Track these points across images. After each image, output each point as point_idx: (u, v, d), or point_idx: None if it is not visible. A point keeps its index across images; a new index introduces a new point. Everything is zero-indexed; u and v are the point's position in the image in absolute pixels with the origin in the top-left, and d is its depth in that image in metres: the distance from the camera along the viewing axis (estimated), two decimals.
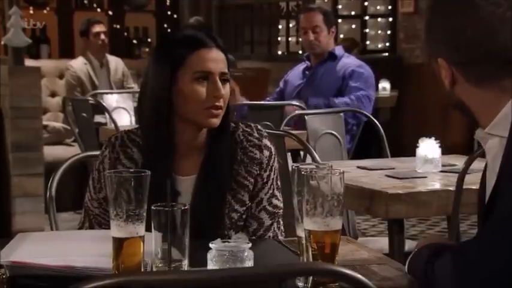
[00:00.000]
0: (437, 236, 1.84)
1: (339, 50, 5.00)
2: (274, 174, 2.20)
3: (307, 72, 5.05)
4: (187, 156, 2.15)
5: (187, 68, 2.09)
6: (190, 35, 2.14)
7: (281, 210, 2.21)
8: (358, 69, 4.89)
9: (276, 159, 2.21)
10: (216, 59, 2.11)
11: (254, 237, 2.16)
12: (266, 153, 2.18)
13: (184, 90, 2.09)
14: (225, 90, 2.12)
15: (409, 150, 3.29)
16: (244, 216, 2.18)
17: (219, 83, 2.10)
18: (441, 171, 3.06)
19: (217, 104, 2.09)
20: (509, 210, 1.47)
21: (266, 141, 2.19)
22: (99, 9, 8.40)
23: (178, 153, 2.14)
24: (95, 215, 2.16)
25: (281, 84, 5.19)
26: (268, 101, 5.20)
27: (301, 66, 5.11)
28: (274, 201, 2.20)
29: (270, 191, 2.19)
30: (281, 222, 2.22)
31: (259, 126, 2.22)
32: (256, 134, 2.19)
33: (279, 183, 2.22)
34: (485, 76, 1.60)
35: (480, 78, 1.61)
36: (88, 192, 2.18)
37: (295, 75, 5.12)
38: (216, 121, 2.11)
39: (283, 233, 2.21)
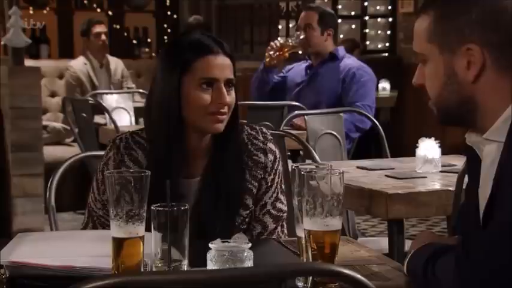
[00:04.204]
0: (429, 233, 1.82)
1: (340, 50, 4.98)
2: (278, 177, 2.20)
3: (308, 71, 5.04)
4: (192, 159, 2.15)
5: (193, 74, 2.09)
6: (197, 41, 2.13)
7: (285, 214, 2.21)
8: (358, 72, 4.86)
9: (280, 162, 2.21)
10: (221, 66, 2.11)
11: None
12: (271, 157, 2.18)
13: (190, 95, 2.09)
14: (231, 96, 2.12)
15: (409, 151, 3.28)
16: (247, 220, 2.18)
17: (224, 90, 2.10)
18: (441, 171, 3.06)
19: (221, 110, 2.09)
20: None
21: (271, 145, 2.20)
22: (99, 9, 8.39)
23: (184, 156, 2.14)
24: (98, 216, 2.15)
25: (284, 71, 5.17)
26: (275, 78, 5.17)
27: (303, 64, 5.10)
28: (279, 205, 2.20)
29: (274, 195, 2.19)
30: (285, 226, 2.21)
31: (264, 129, 2.22)
32: (261, 137, 2.19)
33: (283, 186, 2.22)
34: None
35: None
36: (92, 193, 2.17)
37: (296, 72, 5.10)
38: (221, 126, 2.11)
39: (286, 237, 2.21)
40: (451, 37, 1.62)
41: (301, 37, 4.93)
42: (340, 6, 8.43)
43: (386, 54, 8.37)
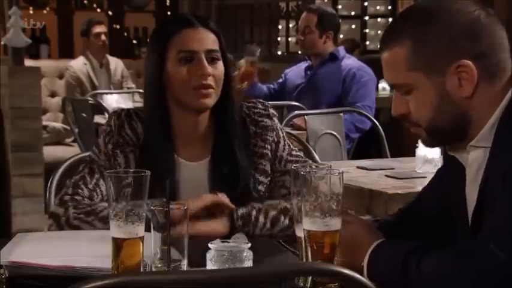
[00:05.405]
0: (365, 223, 1.81)
1: (340, 51, 4.98)
2: (282, 132, 2.25)
3: (308, 72, 5.05)
4: (194, 142, 2.16)
5: (172, 49, 2.10)
6: (176, 17, 2.18)
7: (304, 159, 2.25)
8: (359, 72, 4.86)
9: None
10: (201, 38, 2.10)
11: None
12: (275, 119, 2.24)
13: (171, 71, 2.10)
14: (215, 68, 2.10)
15: (409, 151, 3.28)
16: (270, 186, 2.20)
17: (204, 61, 2.08)
18: None
19: (204, 82, 2.08)
20: (509, 210, 1.49)
21: (272, 110, 2.25)
22: (99, 10, 8.39)
23: (184, 139, 2.15)
24: (99, 164, 2.13)
25: (282, 76, 5.18)
26: (268, 87, 5.19)
27: (303, 65, 5.11)
28: (295, 153, 2.24)
29: (286, 147, 2.23)
30: None
31: (260, 100, 2.27)
32: (260, 106, 2.24)
33: (290, 143, 2.26)
34: (498, 66, 1.61)
35: (496, 68, 1.61)
36: (95, 148, 2.16)
37: (296, 73, 5.11)
38: (208, 101, 2.10)
39: None
40: (436, 59, 1.61)
41: (299, 38, 4.97)
42: (340, 6, 8.43)
43: None
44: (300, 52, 5.24)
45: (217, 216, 2.03)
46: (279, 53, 8.29)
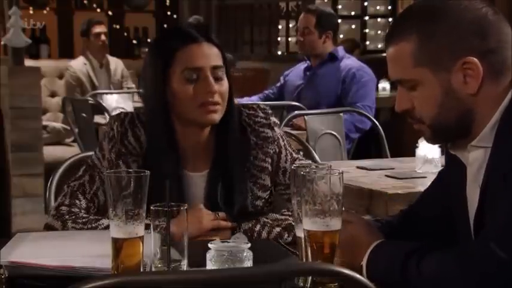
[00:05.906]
0: (365, 223, 1.80)
1: (339, 51, 4.98)
2: (282, 140, 2.19)
3: (307, 72, 5.04)
4: (197, 154, 2.13)
5: (176, 66, 2.06)
6: (179, 30, 2.13)
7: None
8: (359, 73, 4.86)
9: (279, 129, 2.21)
10: (206, 54, 2.06)
11: None
12: (276, 129, 2.18)
13: (176, 89, 2.06)
14: (221, 84, 2.07)
15: (409, 150, 3.28)
16: (270, 200, 2.17)
17: (211, 78, 2.05)
18: None
19: (210, 99, 2.05)
20: (509, 210, 1.49)
21: (273, 118, 2.19)
22: (99, 10, 8.39)
23: (187, 150, 2.12)
24: (100, 172, 2.10)
25: (281, 79, 5.19)
26: (267, 94, 5.19)
27: (302, 66, 5.10)
28: (298, 162, 2.16)
29: (289, 156, 2.18)
30: None
31: (261, 105, 2.21)
32: (261, 114, 2.18)
33: (293, 150, 2.20)
34: (504, 64, 1.61)
35: (502, 66, 1.61)
36: (99, 151, 2.13)
37: (295, 74, 5.11)
38: (215, 116, 2.06)
39: None
40: (443, 56, 1.61)
41: (299, 39, 4.97)
42: (340, 6, 8.43)
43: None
44: (299, 52, 5.24)
45: (220, 232, 2.02)
46: (279, 53, 8.29)
